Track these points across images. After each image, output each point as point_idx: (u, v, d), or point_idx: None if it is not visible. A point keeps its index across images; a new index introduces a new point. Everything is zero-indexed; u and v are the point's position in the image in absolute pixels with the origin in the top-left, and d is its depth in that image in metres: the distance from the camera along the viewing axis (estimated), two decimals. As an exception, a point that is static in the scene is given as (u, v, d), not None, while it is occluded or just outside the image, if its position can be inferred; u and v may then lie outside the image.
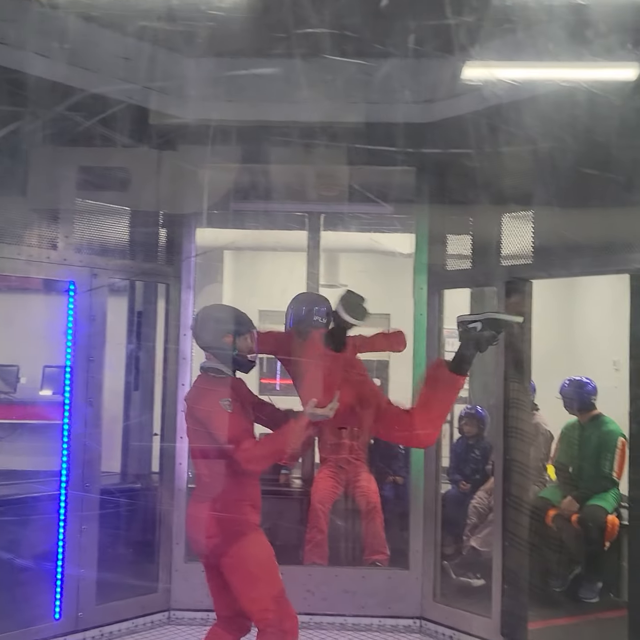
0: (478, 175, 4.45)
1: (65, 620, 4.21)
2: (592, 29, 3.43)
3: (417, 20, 3.77)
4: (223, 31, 4.01)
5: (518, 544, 4.16)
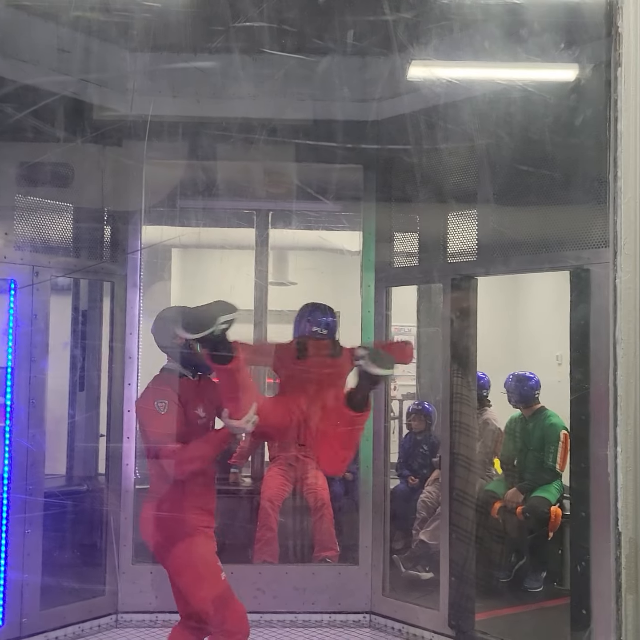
0: (423, 173, 4.51)
1: (8, 627, 4.10)
2: (528, 29, 3.51)
3: (356, 17, 3.80)
4: (162, 24, 3.97)
5: (464, 537, 4.23)
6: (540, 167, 3.92)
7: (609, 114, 1.86)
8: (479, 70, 4.14)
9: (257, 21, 3.69)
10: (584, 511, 3.67)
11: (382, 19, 3.64)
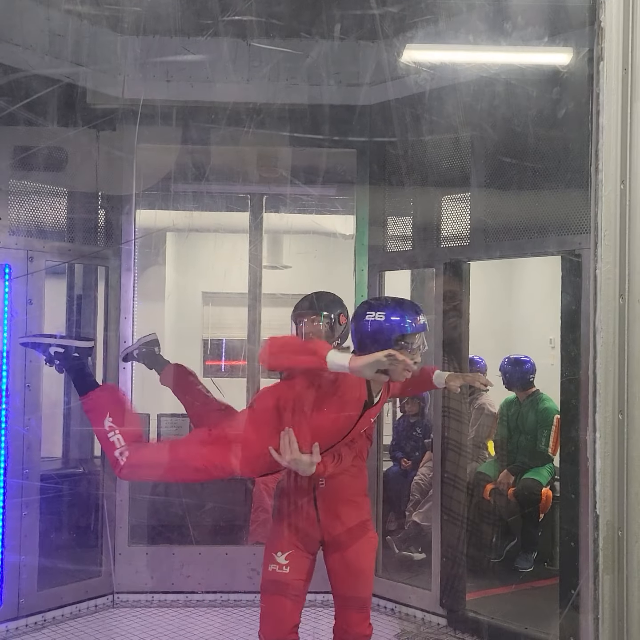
0: (417, 157, 4.53)
1: (6, 607, 4.17)
2: (512, 20, 3.52)
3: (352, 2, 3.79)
4: (155, 8, 3.96)
5: (456, 518, 4.29)
6: (535, 151, 3.94)
7: (591, 108, 1.88)
8: (472, 54, 4.14)
9: (250, 6, 3.67)
10: (572, 493, 3.73)
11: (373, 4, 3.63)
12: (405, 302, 2.86)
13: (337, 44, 4.44)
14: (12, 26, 4.03)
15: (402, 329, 2.70)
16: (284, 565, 2.93)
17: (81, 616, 4.45)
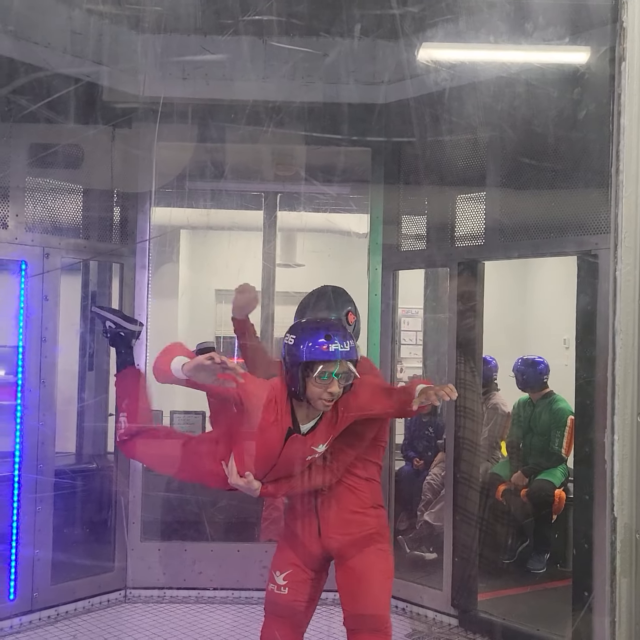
0: (432, 156, 4.51)
1: (20, 601, 4.20)
2: (532, 19, 3.50)
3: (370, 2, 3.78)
4: (172, 6, 3.97)
5: (468, 518, 4.28)
6: (547, 152, 3.92)
7: (612, 108, 1.87)
8: (490, 54, 4.11)
9: (267, 4, 3.67)
10: (586, 495, 3.71)
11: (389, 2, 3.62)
12: (324, 326, 2.55)
13: (353, 43, 4.43)
14: (32, 25, 4.05)
15: (306, 355, 2.45)
16: (282, 586, 2.79)
17: (94, 611, 4.48)
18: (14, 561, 4.17)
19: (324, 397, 2.48)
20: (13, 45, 3.99)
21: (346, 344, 2.48)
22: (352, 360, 2.51)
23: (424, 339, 6.73)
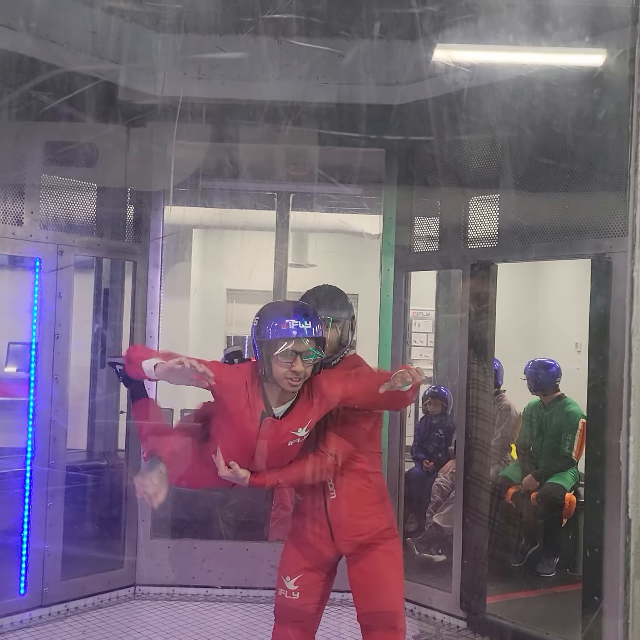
0: (446, 158, 4.51)
1: (30, 595, 4.23)
2: (551, 20, 3.49)
3: (381, 2, 3.78)
4: (189, 6, 3.98)
5: (478, 521, 4.27)
6: (565, 154, 3.91)
7: (631, 109, 1.86)
8: (507, 54, 4.10)
9: (284, 4, 3.68)
10: (598, 498, 3.69)
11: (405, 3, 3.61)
12: (287, 305, 2.59)
13: (368, 43, 4.43)
14: (49, 23, 4.07)
15: (267, 334, 2.49)
16: (294, 591, 2.79)
17: (103, 607, 4.50)
18: (25, 556, 4.19)
19: (288, 377, 2.49)
20: (31, 43, 4.02)
21: (308, 322, 2.49)
22: (316, 338, 2.51)
23: (435, 341, 6.72)
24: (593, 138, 3.71)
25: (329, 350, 2.75)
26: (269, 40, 4.45)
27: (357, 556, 2.78)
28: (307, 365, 2.51)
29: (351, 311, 2.86)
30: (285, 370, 2.49)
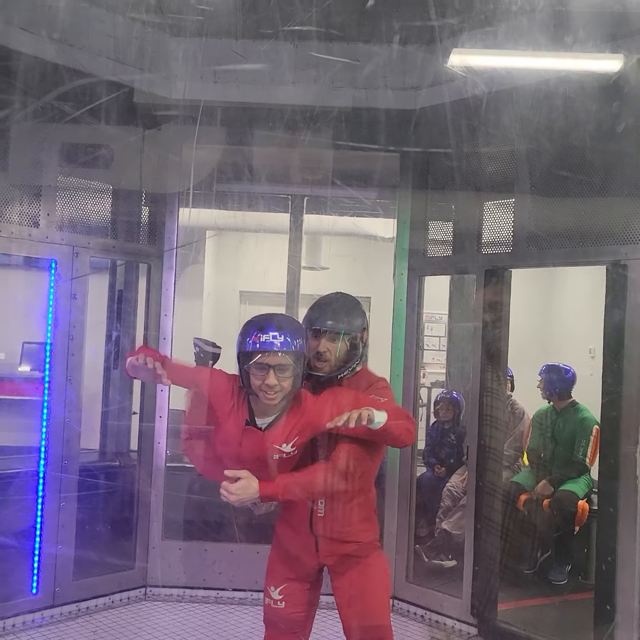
0: (460, 162, 4.50)
1: (43, 595, 4.25)
2: (570, 27, 3.47)
3: (400, 13, 3.78)
4: (210, 15, 4.00)
5: (490, 527, 4.25)
6: (580, 160, 3.89)
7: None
8: (521, 61, 4.10)
9: (298, 9, 3.69)
10: (611, 507, 3.67)
11: (424, 15, 3.61)
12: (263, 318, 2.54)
13: (384, 48, 4.43)
14: (66, 26, 4.09)
15: (241, 346, 2.52)
16: (279, 601, 2.75)
17: (114, 607, 4.51)
18: (37, 556, 4.22)
19: (263, 389, 2.48)
20: (47, 46, 4.05)
21: (281, 335, 2.46)
22: (292, 352, 2.47)
23: (447, 345, 6.70)
24: (610, 145, 3.70)
25: (336, 364, 2.69)
26: (284, 44, 4.46)
27: (340, 568, 2.73)
28: (282, 379, 2.48)
29: (363, 322, 2.75)
30: (260, 383, 2.48)
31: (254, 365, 2.48)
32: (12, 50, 3.92)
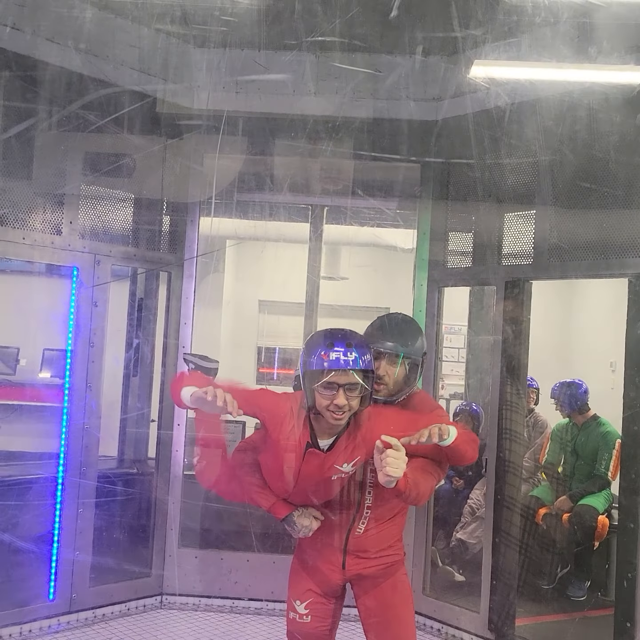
0: (481, 173, 4.49)
1: (59, 601, 4.27)
2: (594, 38, 3.46)
3: (423, 24, 3.79)
4: (234, 27, 4.04)
5: (508, 541, 4.21)
6: (603, 171, 3.87)
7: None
8: (543, 72, 4.09)
9: (321, 20, 3.71)
10: (632, 523, 3.62)
11: (447, 26, 3.61)
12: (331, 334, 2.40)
13: (405, 59, 4.44)
14: (91, 37, 4.15)
15: (309, 364, 2.38)
16: (304, 615, 2.72)
17: (130, 615, 4.52)
18: (54, 562, 4.24)
19: (331, 409, 2.37)
20: (73, 57, 4.10)
21: (352, 353, 2.34)
22: (362, 370, 2.36)
23: (466, 357, 6.67)
24: (634, 157, 3.67)
25: (394, 388, 2.61)
26: (306, 55, 4.48)
27: (365, 585, 2.70)
28: (351, 398, 2.37)
29: (423, 346, 2.67)
30: (328, 403, 2.37)
31: (322, 384, 2.35)
32: (38, 60, 3.98)
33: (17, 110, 3.99)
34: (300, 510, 2.60)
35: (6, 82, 3.93)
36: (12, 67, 3.91)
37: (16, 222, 4.05)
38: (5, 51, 3.88)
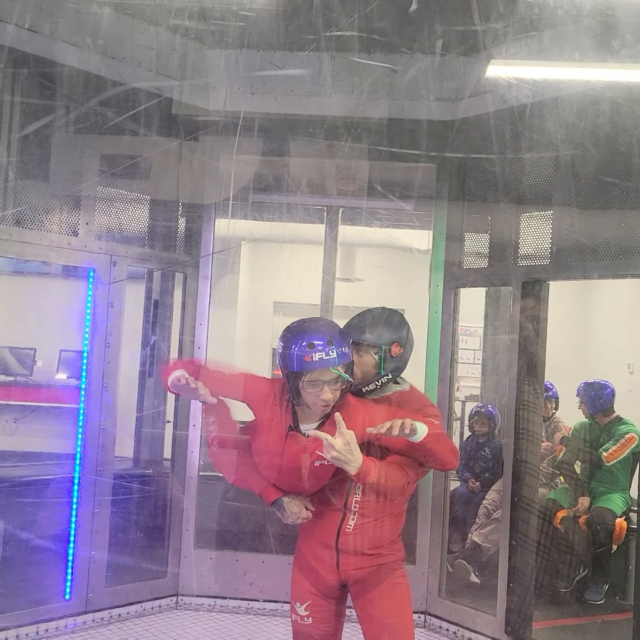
0: (498, 173, 4.46)
1: (75, 601, 4.28)
2: (618, 35, 3.42)
3: (443, 19, 3.77)
4: (251, 27, 4.04)
5: (525, 544, 4.18)
6: (624, 173, 3.83)
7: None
8: (565, 71, 4.05)
9: (337, 19, 3.70)
10: (651, 526, 3.58)
11: (467, 21, 3.59)
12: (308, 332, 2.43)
13: (422, 58, 4.42)
14: (108, 38, 4.17)
15: (291, 366, 2.42)
16: (305, 617, 2.71)
17: (145, 615, 4.52)
18: (71, 562, 4.25)
19: (318, 404, 2.45)
20: (89, 58, 4.12)
21: (333, 350, 2.39)
22: (342, 365, 2.42)
23: (482, 358, 6.64)
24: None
25: (362, 377, 2.64)
26: (323, 56, 4.48)
27: (362, 587, 2.67)
28: (335, 390, 2.46)
29: (392, 336, 2.66)
30: (314, 398, 2.44)
31: (307, 383, 2.42)
32: (55, 62, 4.00)
33: (35, 112, 4.01)
34: (291, 497, 2.63)
35: (23, 84, 3.96)
36: (29, 69, 3.94)
37: (33, 223, 4.08)
38: (22, 52, 3.91)
